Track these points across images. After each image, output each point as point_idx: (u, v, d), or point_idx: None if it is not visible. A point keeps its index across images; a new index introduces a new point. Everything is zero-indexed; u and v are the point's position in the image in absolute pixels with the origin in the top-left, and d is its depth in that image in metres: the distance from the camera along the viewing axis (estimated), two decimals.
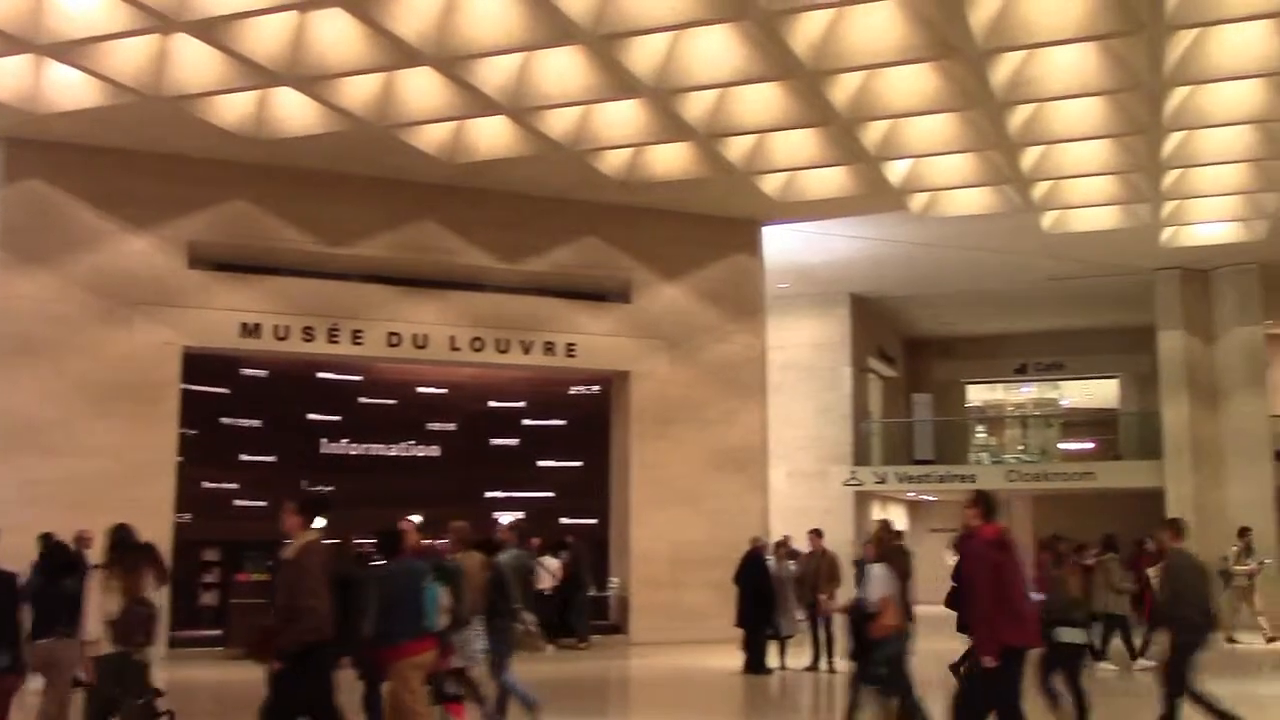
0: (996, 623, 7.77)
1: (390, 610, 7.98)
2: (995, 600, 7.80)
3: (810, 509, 22.36)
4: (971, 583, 8.10)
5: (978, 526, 8.08)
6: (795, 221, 19.63)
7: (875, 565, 9.58)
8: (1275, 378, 26.56)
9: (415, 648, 8.01)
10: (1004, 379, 30.64)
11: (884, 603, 9.23)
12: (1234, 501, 22.02)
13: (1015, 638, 7.86)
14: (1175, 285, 22.87)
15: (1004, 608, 7.80)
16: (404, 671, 8.01)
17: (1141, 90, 13.61)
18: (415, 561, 8.47)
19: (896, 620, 9.29)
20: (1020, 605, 7.96)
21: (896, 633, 9.32)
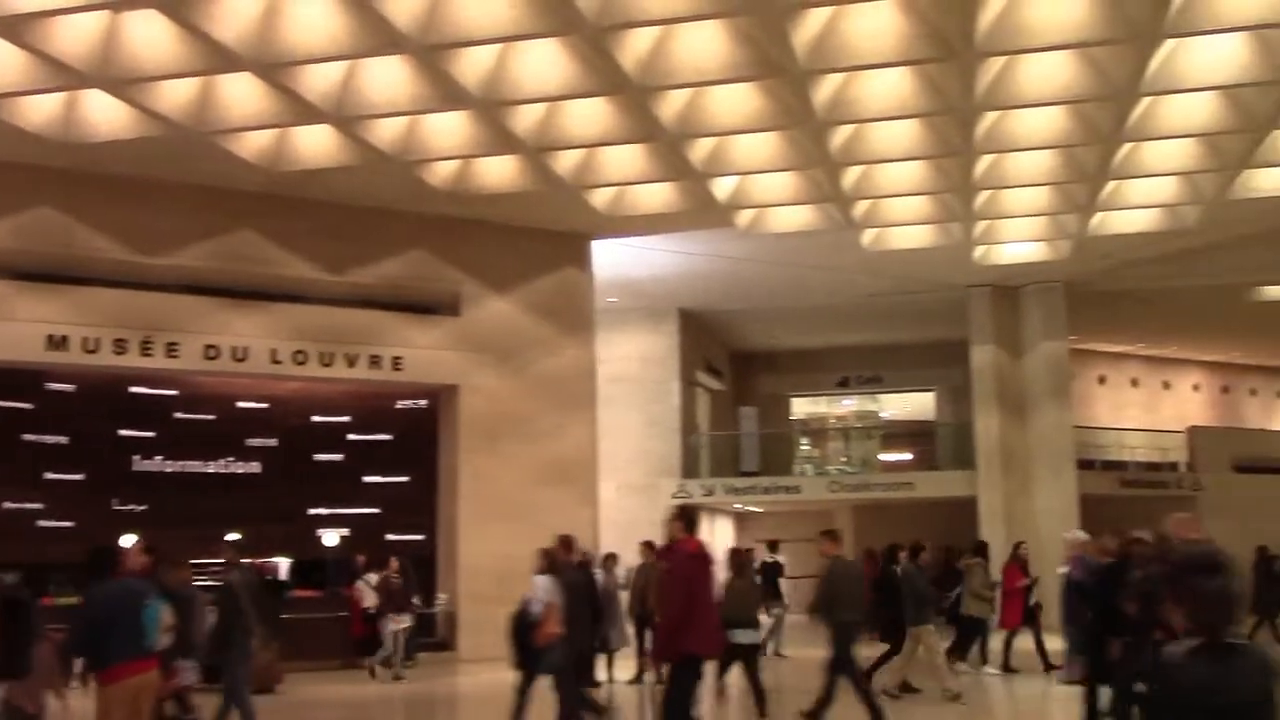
0: (685, 631, 8.23)
1: (104, 632, 7.39)
2: (685, 610, 8.24)
3: (640, 522, 22.45)
4: (669, 592, 8.52)
5: (680, 539, 8.51)
6: (624, 236, 19.77)
7: (540, 576, 10.28)
8: (1078, 390, 27.97)
9: (132, 669, 7.49)
10: (827, 392, 31.44)
11: (548, 610, 9.65)
12: (1040, 509, 23.04)
13: (699, 647, 8.41)
14: (987, 301, 23.84)
15: (693, 617, 8.24)
16: (114, 695, 7.41)
17: (954, 114, 14.14)
18: (133, 581, 7.90)
19: (558, 628, 9.85)
20: (709, 616, 8.50)
21: (558, 640, 9.94)
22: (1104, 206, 18.07)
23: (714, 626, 8.77)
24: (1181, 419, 30.88)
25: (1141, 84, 13.13)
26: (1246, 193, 17.14)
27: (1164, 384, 33.36)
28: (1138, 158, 16.08)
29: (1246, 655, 3.57)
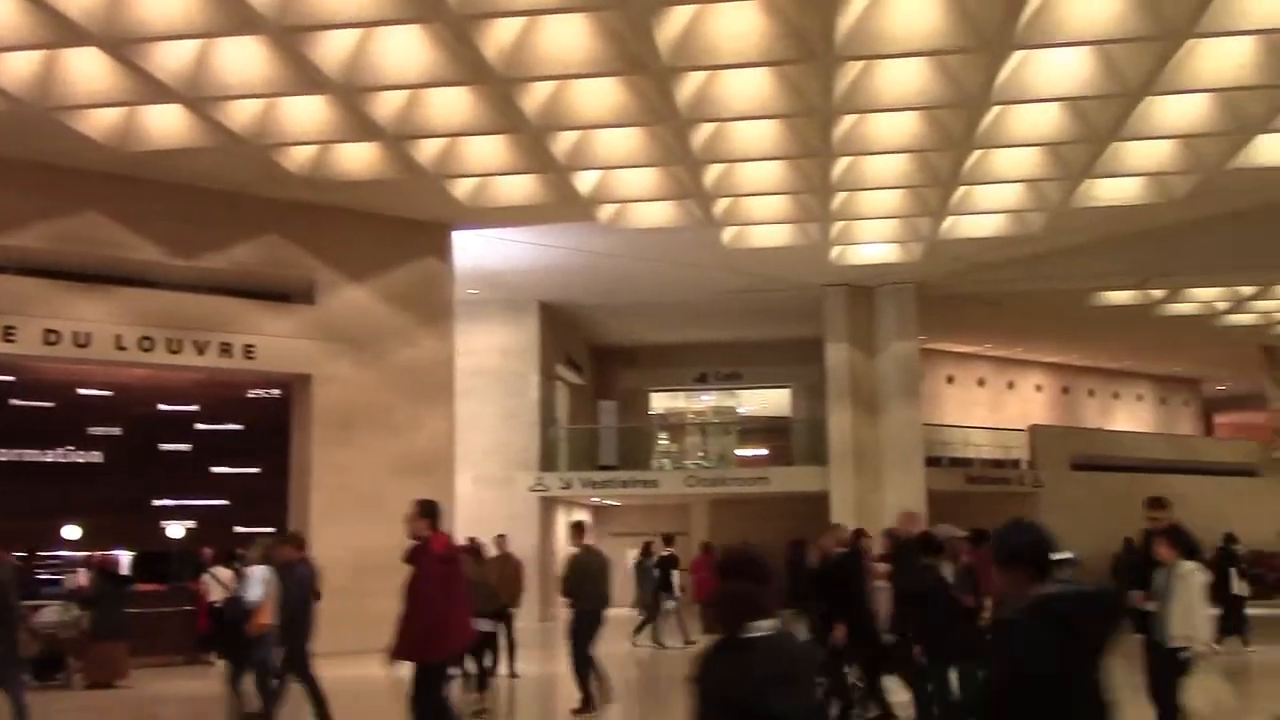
0: (432, 631, 8.18)
1: None
2: (429, 609, 8.18)
3: (496, 515, 22.35)
4: (415, 591, 8.33)
5: (428, 537, 8.38)
6: (486, 227, 19.63)
7: (256, 567, 10.45)
8: (927, 389, 28.77)
9: None
10: (685, 387, 31.71)
11: (261, 602, 9.88)
12: (890, 504, 23.56)
13: (453, 647, 8.66)
14: (842, 301, 24.32)
15: (441, 617, 8.25)
16: None
17: (814, 116, 14.39)
18: None
19: (270, 620, 9.98)
20: (458, 615, 8.53)
21: (269, 632, 10.08)
22: (955, 211, 18.60)
23: (464, 623, 8.81)
24: (1024, 418, 32.01)
25: (992, 93, 13.55)
26: (1088, 201, 17.83)
27: (1008, 384, 34.54)
28: (987, 164, 16.60)
29: (762, 648, 3.80)
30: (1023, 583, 4.02)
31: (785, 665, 3.80)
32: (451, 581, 8.39)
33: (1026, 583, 4.01)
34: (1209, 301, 27.17)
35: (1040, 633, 3.84)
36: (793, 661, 3.82)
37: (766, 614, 3.85)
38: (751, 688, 3.73)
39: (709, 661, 3.93)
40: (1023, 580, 4.02)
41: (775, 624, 3.85)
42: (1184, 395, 39.14)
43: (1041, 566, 4.03)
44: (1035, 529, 4.17)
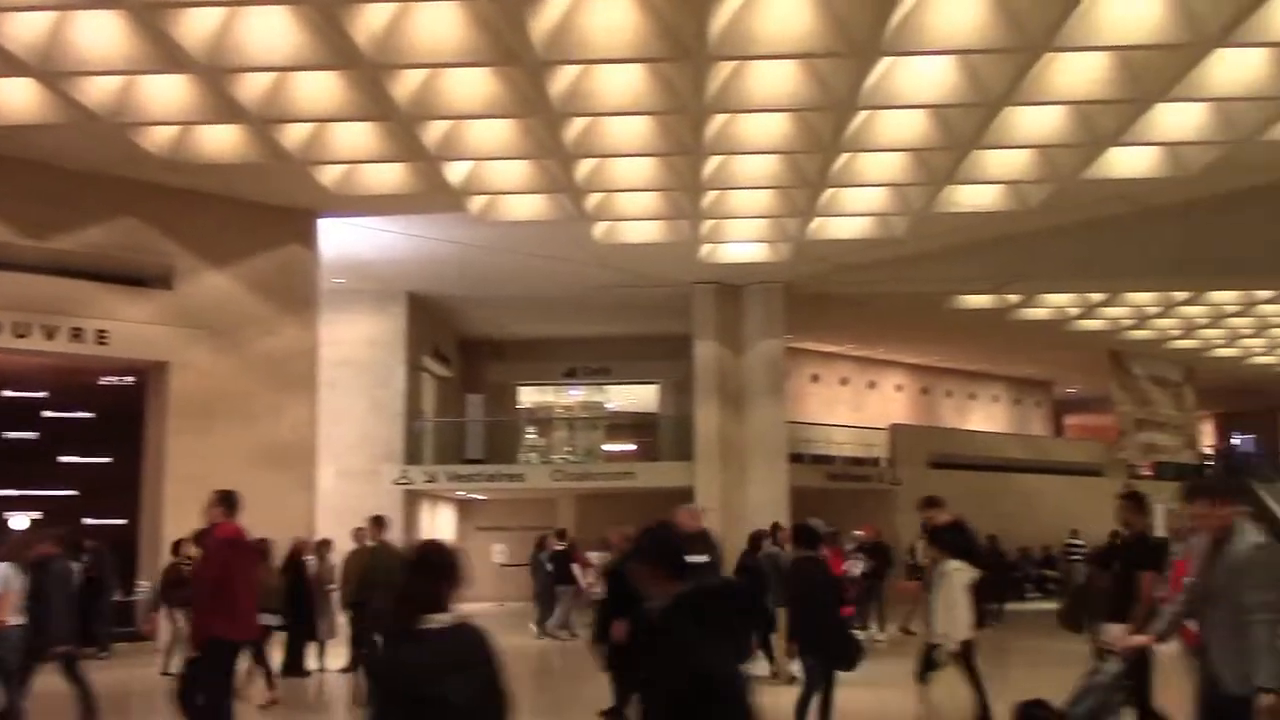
0: (214, 616, 8.37)
1: None
2: (215, 595, 8.36)
3: (360, 508, 21.86)
4: (202, 577, 8.64)
5: (218, 524, 8.62)
6: (353, 215, 19.29)
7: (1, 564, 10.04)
8: (792, 387, 29.22)
9: None
10: (554, 382, 31.65)
11: (2, 599, 9.56)
12: (754, 500, 23.91)
13: (230, 632, 8.55)
14: (711, 299, 24.53)
15: (224, 603, 8.36)
16: None
17: (686, 113, 14.49)
18: None
19: (11, 617, 9.65)
20: (242, 602, 8.62)
21: (12, 630, 9.72)
22: (822, 212, 18.93)
23: (247, 612, 8.84)
24: (885, 417, 32.74)
25: (859, 97, 13.82)
26: (949, 207, 18.32)
27: (870, 384, 35.30)
28: (854, 168, 16.93)
29: (434, 639, 4.09)
30: (660, 581, 4.34)
31: (458, 654, 4.08)
32: (234, 568, 8.44)
33: (664, 581, 4.34)
34: (1061, 307, 28.16)
35: (682, 626, 4.18)
36: (466, 650, 4.12)
37: (443, 608, 4.15)
38: (424, 676, 4.00)
39: (385, 653, 4.20)
40: (660, 579, 4.35)
41: (453, 616, 4.14)
42: (1036, 397, 40.50)
43: (675, 566, 4.37)
44: (667, 531, 4.56)
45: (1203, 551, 5.56)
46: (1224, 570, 5.38)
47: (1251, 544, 5.33)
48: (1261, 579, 5.21)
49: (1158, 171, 16.67)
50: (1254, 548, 5.32)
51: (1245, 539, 5.36)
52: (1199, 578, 5.56)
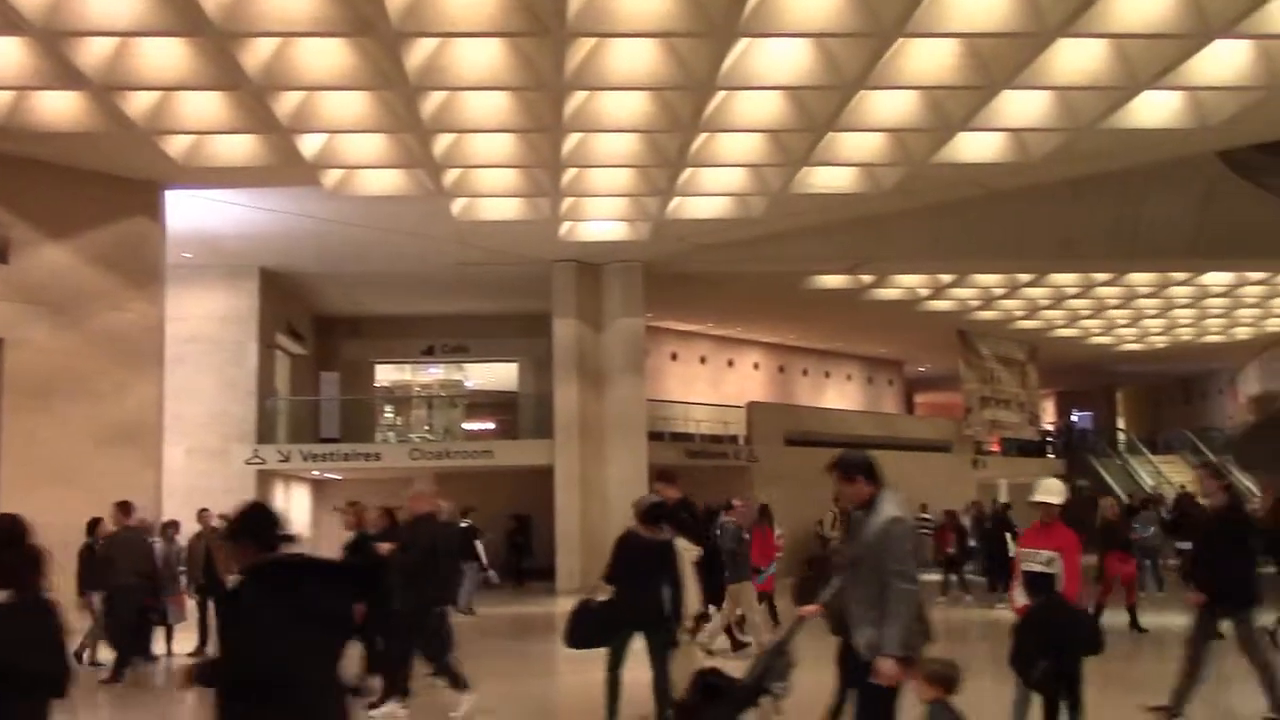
0: None
1: None
2: None
3: (211, 488, 21.45)
4: None
5: None
6: (202, 188, 18.69)
7: None
8: (652, 365, 29.42)
9: None
10: (412, 360, 31.27)
11: None
12: (613, 477, 24.04)
13: None
14: (571, 277, 24.51)
15: None
16: None
17: (545, 90, 14.40)
18: None
19: None
20: None
21: None
22: (681, 192, 19.05)
23: None
24: (742, 395, 33.20)
25: (718, 78, 13.93)
26: (806, 188, 18.62)
27: (729, 362, 35.75)
28: (713, 148, 17.07)
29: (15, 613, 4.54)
30: (249, 555, 4.46)
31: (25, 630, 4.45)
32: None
33: (253, 555, 4.46)
34: (912, 288, 28.92)
35: (260, 596, 4.29)
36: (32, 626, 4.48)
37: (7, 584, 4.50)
38: None
39: None
40: (249, 553, 4.46)
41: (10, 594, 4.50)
42: (888, 375, 41.55)
43: (264, 540, 4.47)
44: (260, 508, 4.68)
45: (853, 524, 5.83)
46: (863, 541, 5.64)
47: (888, 517, 5.58)
48: (895, 550, 5.47)
49: (1004, 157, 17.21)
50: (889, 520, 5.57)
51: (883, 512, 5.61)
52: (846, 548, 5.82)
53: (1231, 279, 28.48)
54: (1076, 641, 7.24)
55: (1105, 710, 8.79)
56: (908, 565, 5.50)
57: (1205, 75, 14.35)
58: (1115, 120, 15.59)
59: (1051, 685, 7.20)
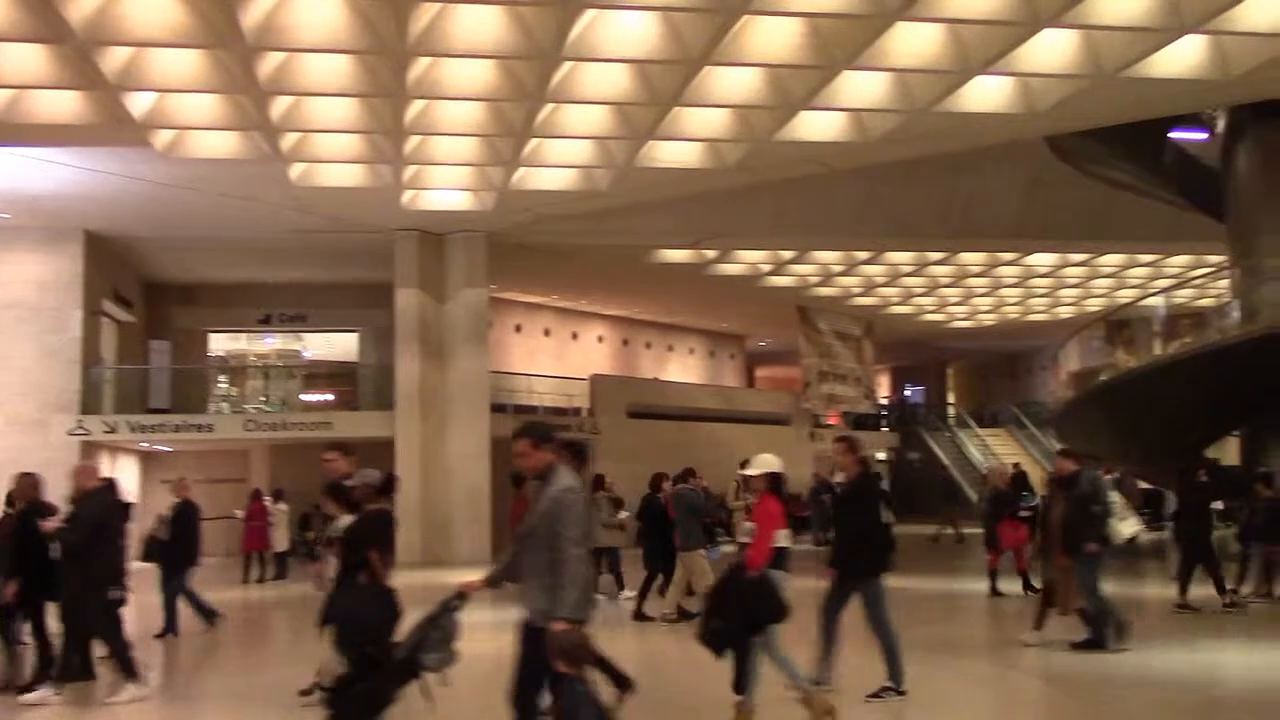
0: None
1: None
2: None
3: (29, 461, 20.26)
4: None
5: None
6: (20, 145, 17.74)
7: None
8: (495, 337, 29.25)
9: None
10: (248, 329, 30.39)
11: None
12: (454, 450, 23.86)
13: None
14: (413, 246, 24.14)
15: None
16: None
17: (388, 55, 14.11)
18: None
19: None
20: None
21: None
22: (527, 162, 18.93)
23: None
24: (586, 368, 33.25)
25: (564, 48, 13.86)
26: (651, 162, 18.70)
27: (573, 335, 35.75)
28: (558, 119, 16.99)
29: None
30: None
31: None
32: None
33: None
34: (754, 263, 29.38)
35: None
36: None
37: None
38: None
39: None
40: None
41: None
42: (730, 349, 42.15)
43: None
44: None
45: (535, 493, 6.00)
46: (538, 510, 5.75)
47: (563, 486, 5.70)
48: (567, 518, 5.59)
49: (843, 136, 17.58)
50: (563, 489, 5.69)
51: (559, 482, 5.72)
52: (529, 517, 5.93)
53: (1055, 260, 29.72)
54: (756, 610, 7.51)
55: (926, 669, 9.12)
56: (577, 532, 5.58)
57: (1034, 63, 14.89)
58: (949, 103, 16.06)
59: (716, 645, 7.49)
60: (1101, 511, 11.03)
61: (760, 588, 7.65)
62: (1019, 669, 10.52)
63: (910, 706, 8.33)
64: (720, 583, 7.98)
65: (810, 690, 7.74)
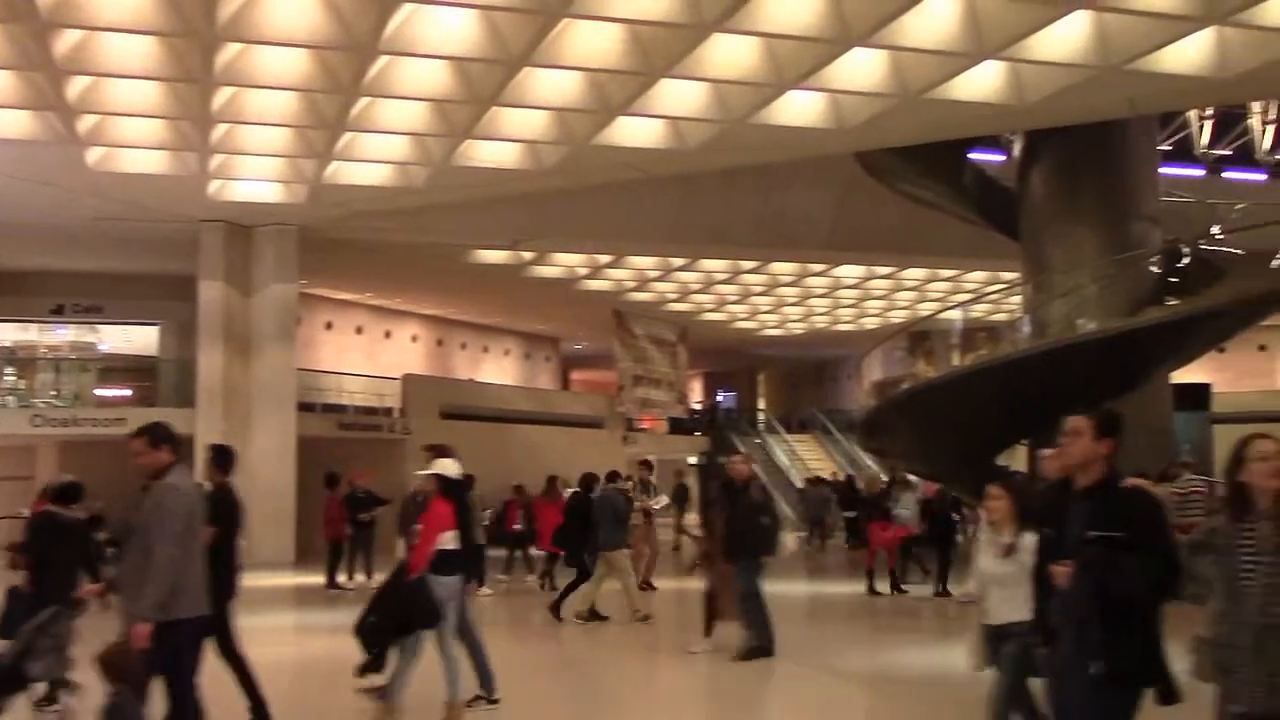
0: None
1: None
2: None
3: None
4: None
5: None
6: None
7: None
8: (305, 334, 28.55)
9: None
10: (38, 319, 28.86)
11: None
12: (258, 449, 23.11)
13: None
14: (220, 238, 23.28)
15: None
16: None
17: (195, 38, 13.63)
18: None
19: None
20: None
21: None
22: (341, 156, 18.55)
23: None
24: (400, 367, 32.71)
25: (380, 41, 13.63)
26: (469, 161, 18.55)
27: (386, 333, 35.11)
28: (374, 113, 16.69)
29: None
30: None
31: None
32: None
33: None
34: (571, 267, 29.44)
35: None
36: None
37: None
38: None
39: None
40: None
41: None
42: (546, 352, 42.11)
43: None
44: None
45: None
46: (145, 510, 5.84)
47: (169, 486, 5.83)
48: (166, 519, 5.71)
49: (661, 143, 17.78)
50: (169, 490, 5.82)
51: (169, 482, 5.85)
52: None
53: (862, 272, 30.70)
54: (409, 613, 7.62)
55: None
56: (174, 533, 5.62)
57: (845, 80, 15.35)
58: (764, 116, 16.41)
59: (369, 641, 7.58)
60: (770, 523, 11.15)
61: (416, 592, 7.68)
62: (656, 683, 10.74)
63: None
64: (387, 582, 8.00)
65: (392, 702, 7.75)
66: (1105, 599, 4.34)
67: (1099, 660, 4.31)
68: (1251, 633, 4.27)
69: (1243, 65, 14.43)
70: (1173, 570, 4.40)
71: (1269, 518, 4.34)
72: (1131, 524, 4.40)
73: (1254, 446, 4.41)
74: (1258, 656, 4.26)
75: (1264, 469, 4.36)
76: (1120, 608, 4.35)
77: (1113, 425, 4.58)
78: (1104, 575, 4.35)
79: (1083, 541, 4.43)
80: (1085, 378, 17.64)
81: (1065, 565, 4.45)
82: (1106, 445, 4.56)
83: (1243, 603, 4.31)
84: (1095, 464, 4.56)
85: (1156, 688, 4.42)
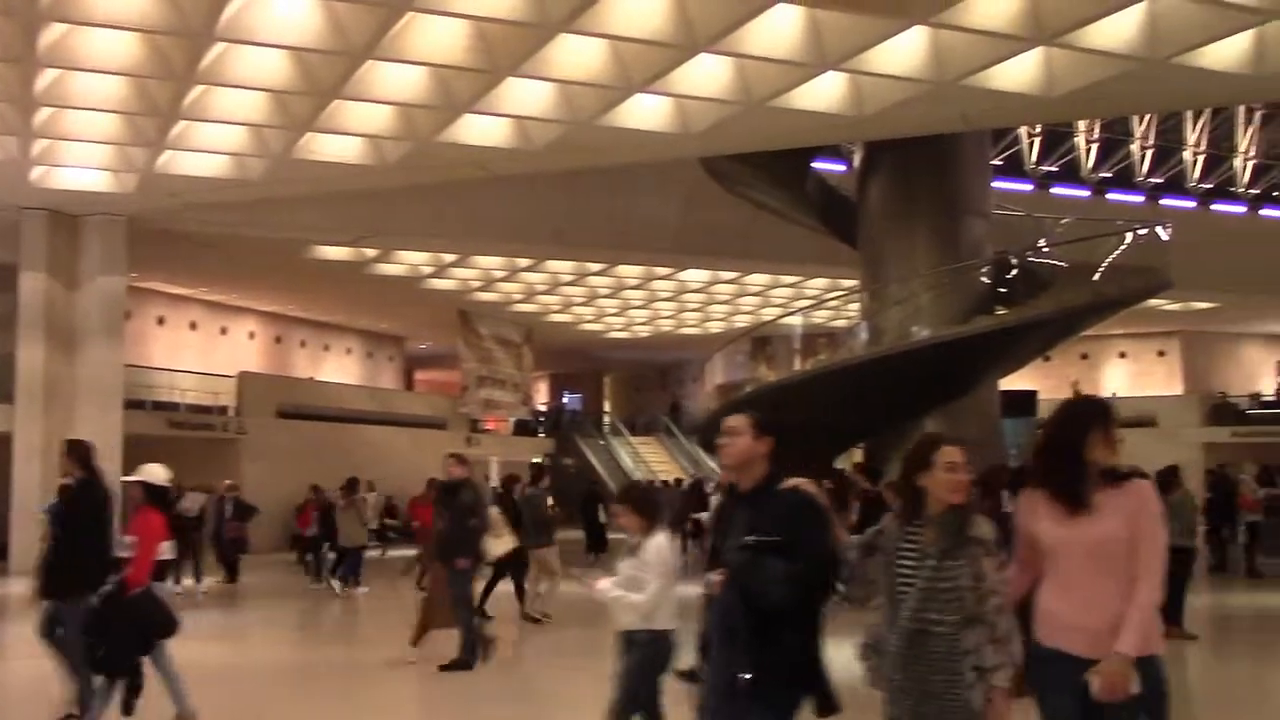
0: None
1: None
2: None
3: None
4: None
5: None
6: None
7: None
8: (135, 329, 27.53)
9: None
10: None
11: None
12: None
13: None
14: (42, 226, 22.21)
15: None
16: None
17: (14, 15, 13.02)
18: None
19: None
20: None
21: None
22: (174, 145, 17.95)
23: None
24: (236, 364, 31.78)
25: (216, 28, 13.21)
26: (308, 155, 18.13)
27: (222, 330, 34.06)
28: (210, 102, 16.19)
29: None
30: None
31: None
32: None
33: None
34: (415, 265, 29.01)
35: None
36: None
37: None
38: None
39: None
40: None
41: None
42: (389, 351, 41.43)
43: None
44: None
45: None
46: None
47: None
48: None
49: (507, 142, 17.66)
50: None
51: None
52: None
53: (707, 276, 31.05)
54: (146, 626, 7.48)
55: None
56: None
57: (690, 85, 15.49)
58: (610, 118, 16.45)
59: (111, 668, 7.39)
60: (478, 525, 10.94)
61: (147, 604, 7.52)
62: None
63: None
64: (99, 607, 7.50)
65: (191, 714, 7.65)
66: (752, 606, 4.24)
67: (747, 670, 4.22)
68: (904, 636, 4.19)
69: (1068, 85, 15.05)
70: (823, 573, 4.31)
71: (936, 523, 4.24)
72: (787, 526, 4.28)
73: (942, 453, 4.28)
74: (907, 661, 4.19)
75: (948, 481, 4.24)
76: (769, 614, 4.25)
77: (771, 424, 4.50)
78: (746, 580, 4.27)
79: (737, 547, 4.33)
80: (919, 383, 18.18)
81: (720, 573, 4.36)
82: (766, 444, 4.47)
83: (899, 606, 4.22)
84: (755, 464, 4.47)
85: (814, 697, 4.34)
